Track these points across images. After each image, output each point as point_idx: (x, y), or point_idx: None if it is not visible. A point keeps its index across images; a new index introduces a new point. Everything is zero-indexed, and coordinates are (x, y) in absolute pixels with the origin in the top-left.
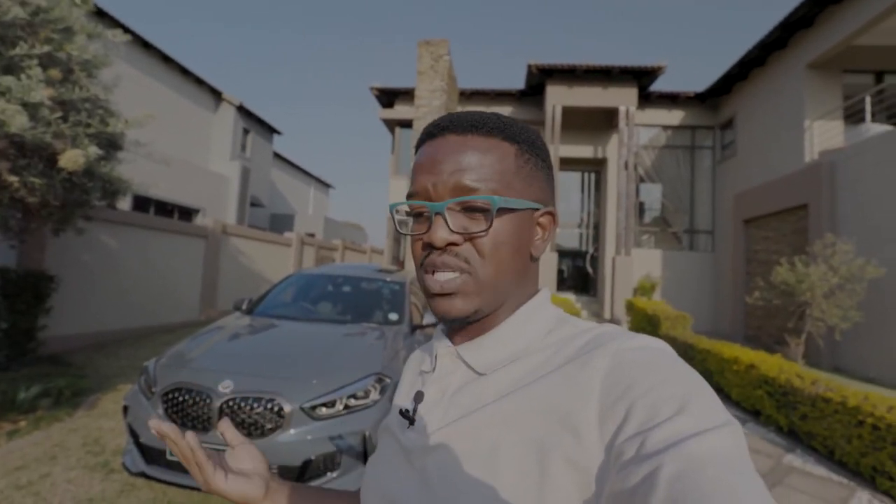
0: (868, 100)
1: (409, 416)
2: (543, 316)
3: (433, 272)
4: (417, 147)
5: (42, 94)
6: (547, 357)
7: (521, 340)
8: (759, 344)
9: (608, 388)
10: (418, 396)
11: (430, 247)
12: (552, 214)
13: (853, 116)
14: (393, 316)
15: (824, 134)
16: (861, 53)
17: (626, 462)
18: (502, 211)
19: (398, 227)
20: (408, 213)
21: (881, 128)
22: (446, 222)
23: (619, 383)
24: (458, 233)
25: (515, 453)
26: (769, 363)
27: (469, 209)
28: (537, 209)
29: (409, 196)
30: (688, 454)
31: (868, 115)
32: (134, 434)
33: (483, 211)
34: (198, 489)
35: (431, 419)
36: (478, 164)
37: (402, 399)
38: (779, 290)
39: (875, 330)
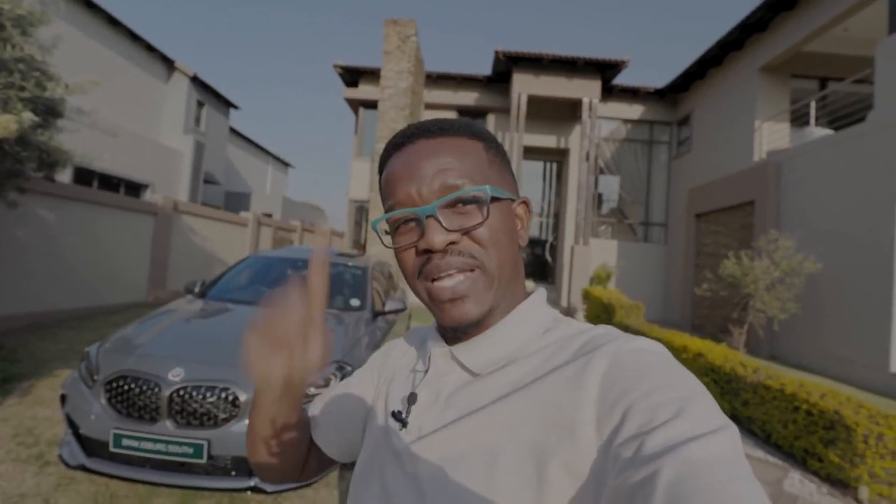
0: (813, 104)
1: (401, 419)
2: (539, 316)
3: (437, 279)
4: (383, 162)
5: None
6: (544, 358)
7: (518, 340)
8: (705, 333)
9: (606, 390)
10: (412, 398)
11: (427, 252)
12: (526, 204)
13: (799, 119)
14: (354, 302)
15: (772, 135)
16: (808, 60)
17: (623, 465)
18: (492, 201)
19: (384, 244)
20: (388, 230)
21: (823, 131)
22: (440, 223)
23: (617, 385)
24: (454, 230)
25: (513, 457)
26: (715, 352)
27: (459, 206)
28: (514, 200)
29: (391, 208)
30: (686, 458)
31: (812, 119)
32: (73, 425)
33: (475, 203)
34: (143, 482)
35: (426, 422)
36: (456, 163)
37: (393, 400)
38: (725, 283)
39: (809, 321)
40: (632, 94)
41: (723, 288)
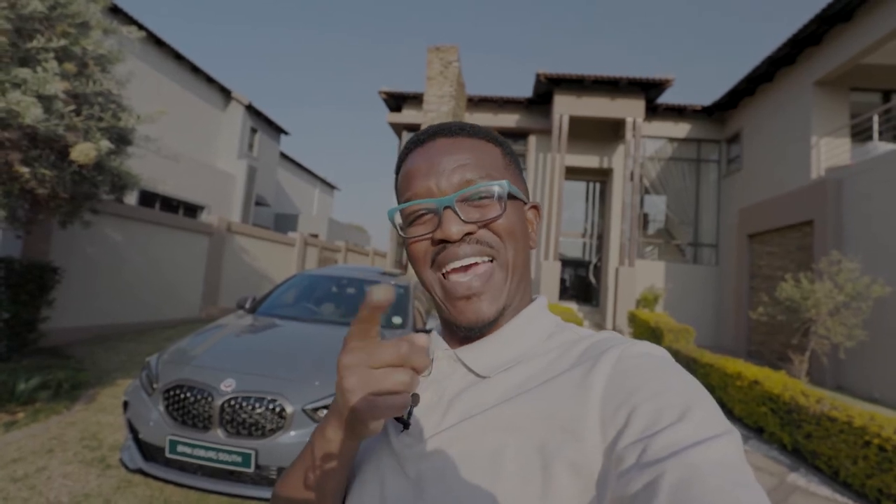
0: (876, 118)
1: (403, 421)
2: (544, 321)
3: (451, 272)
4: (403, 158)
5: (57, 86)
6: (549, 362)
7: (523, 344)
8: (762, 360)
9: (610, 393)
10: (413, 399)
11: (442, 243)
12: (537, 208)
13: (860, 134)
14: (396, 319)
15: (831, 151)
16: (869, 72)
17: (627, 468)
18: (509, 198)
19: (400, 232)
20: (403, 223)
21: (889, 146)
22: (458, 214)
23: (621, 389)
24: (471, 222)
25: (518, 458)
26: (773, 380)
27: (476, 200)
28: (526, 203)
29: (408, 200)
30: (689, 462)
31: (876, 134)
32: (133, 430)
33: (493, 197)
34: (195, 488)
35: (428, 423)
36: (475, 160)
37: None
38: (783, 307)
39: (880, 349)
40: (677, 112)
41: (780, 312)
